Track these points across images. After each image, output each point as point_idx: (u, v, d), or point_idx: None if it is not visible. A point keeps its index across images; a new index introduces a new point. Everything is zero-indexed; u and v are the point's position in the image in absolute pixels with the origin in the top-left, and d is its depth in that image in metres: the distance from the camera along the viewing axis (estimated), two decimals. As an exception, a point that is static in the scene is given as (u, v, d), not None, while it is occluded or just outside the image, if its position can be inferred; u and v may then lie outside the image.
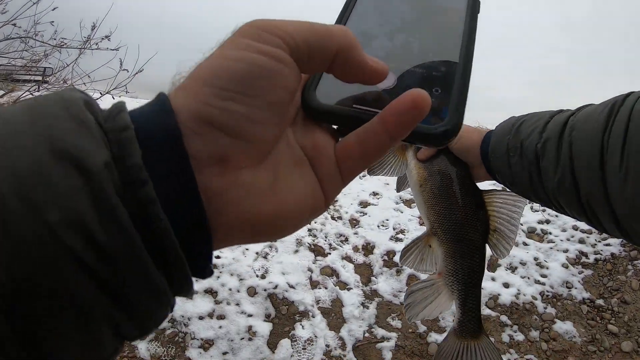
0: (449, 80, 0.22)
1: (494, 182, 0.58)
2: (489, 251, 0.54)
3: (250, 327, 1.83)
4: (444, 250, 0.52)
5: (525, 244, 2.51)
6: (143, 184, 0.16)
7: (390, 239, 2.42)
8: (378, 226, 2.50)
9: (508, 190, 0.54)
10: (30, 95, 2.70)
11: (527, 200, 0.52)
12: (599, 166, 0.42)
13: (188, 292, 0.18)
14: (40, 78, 2.91)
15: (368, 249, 2.34)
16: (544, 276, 2.39)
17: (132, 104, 0.18)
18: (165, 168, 0.17)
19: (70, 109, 0.16)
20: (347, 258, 2.22)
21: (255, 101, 0.19)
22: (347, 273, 2.06)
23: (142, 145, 0.16)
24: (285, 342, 1.80)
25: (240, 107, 0.18)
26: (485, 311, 2.18)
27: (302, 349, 1.81)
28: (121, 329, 0.16)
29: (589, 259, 2.46)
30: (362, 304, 1.96)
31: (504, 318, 2.19)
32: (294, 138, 0.22)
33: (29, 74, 3.00)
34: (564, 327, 2.21)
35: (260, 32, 0.19)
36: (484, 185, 0.59)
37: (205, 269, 0.19)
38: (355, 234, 2.43)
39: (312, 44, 0.20)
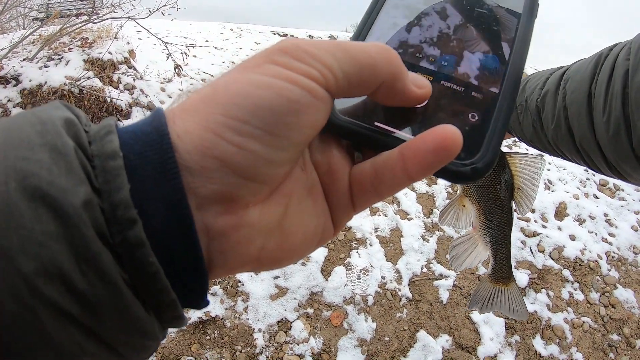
0: (490, 105, 0.19)
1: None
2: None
3: (304, 252, 1.76)
4: (476, 209, 0.58)
5: (595, 196, 2.33)
6: (131, 224, 0.14)
7: (451, 177, 2.26)
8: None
9: (528, 151, 0.59)
10: (83, 26, 2.67)
11: (546, 161, 0.60)
12: (587, 112, 0.46)
13: (180, 325, 0.17)
14: (91, 9, 2.87)
15: (432, 178, 2.19)
16: (611, 235, 2.26)
17: (186, 27, 0.06)
18: (158, 205, 0.15)
19: (45, 135, 0.15)
20: (409, 185, 2.08)
21: (278, 141, 0.16)
22: (409, 202, 1.95)
23: (132, 176, 0.15)
24: (339, 270, 1.73)
25: (260, 148, 0.16)
26: (548, 262, 2.07)
27: (357, 278, 1.73)
28: None
29: (663, 221, 2.28)
30: (422, 236, 1.85)
31: (566, 273, 2.09)
32: (309, 154, 0.20)
33: (76, 5, 2.98)
34: (624, 294, 2.11)
35: (291, 59, 0.17)
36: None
37: (200, 303, 0.17)
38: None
39: (352, 77, 0.17)
